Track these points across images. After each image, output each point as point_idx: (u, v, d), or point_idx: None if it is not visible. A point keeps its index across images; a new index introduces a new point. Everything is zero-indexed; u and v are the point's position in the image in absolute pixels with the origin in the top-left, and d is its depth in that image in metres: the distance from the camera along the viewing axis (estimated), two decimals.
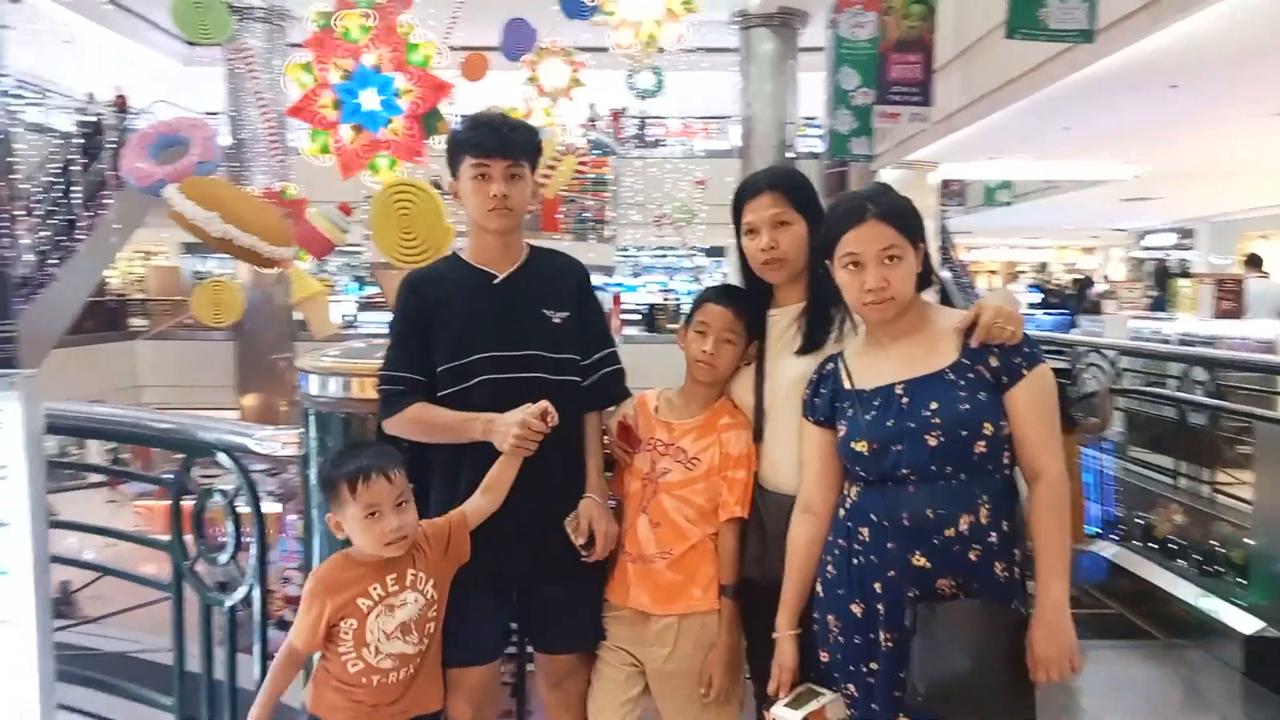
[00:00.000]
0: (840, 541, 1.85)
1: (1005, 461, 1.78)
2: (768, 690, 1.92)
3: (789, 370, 2.04)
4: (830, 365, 1.94)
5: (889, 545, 1.76)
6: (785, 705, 1.84)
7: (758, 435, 2.11)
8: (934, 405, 1.76)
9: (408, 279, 2.24)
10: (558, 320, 2.15)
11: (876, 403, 1.81)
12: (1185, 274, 14.60)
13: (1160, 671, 3.90)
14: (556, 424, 2.00)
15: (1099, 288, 18.90)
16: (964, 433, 1.73)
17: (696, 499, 2.10)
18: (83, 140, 14.61)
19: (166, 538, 2.57)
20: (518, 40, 12.15)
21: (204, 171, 8.39)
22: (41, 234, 13.51)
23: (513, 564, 2.10)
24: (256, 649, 2.39)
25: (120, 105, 15.36)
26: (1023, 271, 25.51)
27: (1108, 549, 5.01)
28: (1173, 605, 4.36)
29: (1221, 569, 4.34)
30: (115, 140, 14.04)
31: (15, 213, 11.84)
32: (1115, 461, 5.94)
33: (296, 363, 2.28)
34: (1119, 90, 7.24)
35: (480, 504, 2.03)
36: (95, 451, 14.46)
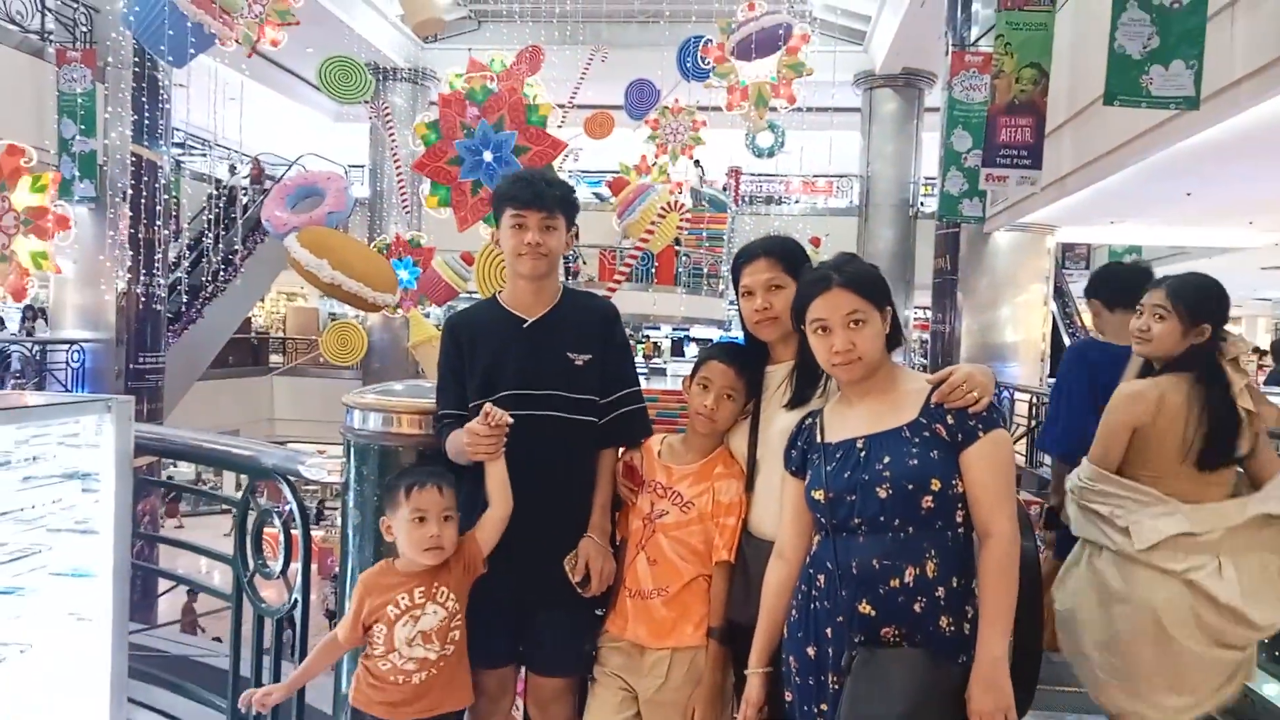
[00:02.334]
0: (802, 586, 1.95)
1: (959, 520, 1.84)
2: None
3: (778, 423, 2.16)
4: (809, 420, 2.06)
5: (841, 592, 1.85)
6: None
7: (750, 484, 2.22)
8: (886, 459, 1.86)
9: (448, 322, 2.47)
10: (580, 362, 2.32)
11: (838, 455, 1.93)
12: None
13: None
14: (508, 423, 2.13)
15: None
16: (910, 487, 1.82)
17: (691, 540, 2.22)
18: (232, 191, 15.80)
19: (230, 554, 2.84)
20: (641, 99, 12.62)
21: (334, 221, 9.02)
22: (195, 274, 14.65)
23: (516, 588, 2.26)
24: (298, 656, 2.61)
25: (256, 176, 16.54)
26: None
27: None
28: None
29: None
30: (264, 191, 15.13)
31: (172, 255, 12.95)
32: None
33: (341, 399, 2.51)
34: (1238, 157, 7.00)
35: (488, 515, 2.20)
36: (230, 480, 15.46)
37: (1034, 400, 9.07)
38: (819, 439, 1.99)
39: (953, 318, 11.19)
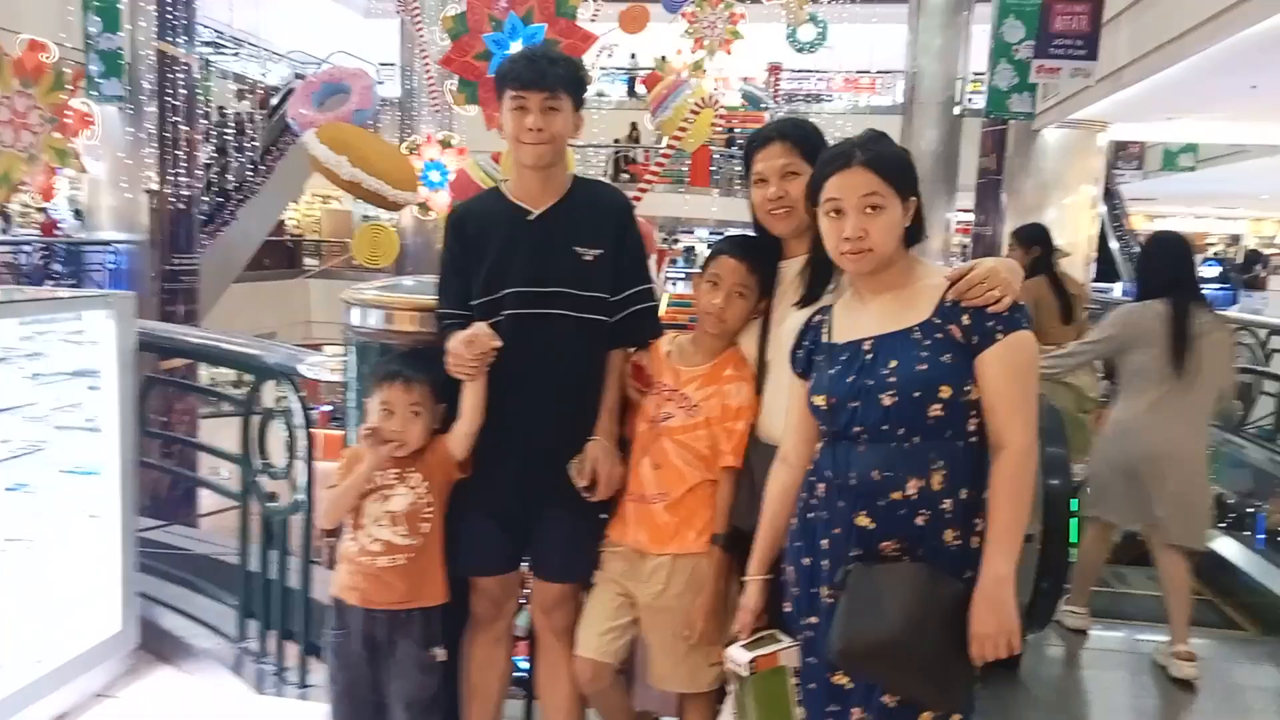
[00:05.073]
0: (803, 494, 1.84)
1: (971, 428, 1.69)
2: (732, 630, 1.93)
3: (789, 322, 2.02)
4: (818, 317, 1.90)
5: (839, 503, 1.73)
6: (741, 646, 1.86)
7: (759, 387, 2.10)
8: (893, 364, 1.70)
9: (451, 214, 2.33)
10: (589, 257, 2.17)
11: (843, 358, 1.77)
12: None
13: (1251, 668, 3.63)
14: (495, 347, 2.03)
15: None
16: (916, 394, 1.67)
17: (697, 445, 2.12)
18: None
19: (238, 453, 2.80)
20: None
21: (360, 119, 8.83)
22: (227, 176, 14.58)
23: (521, 492, 2.18)
24: (301, 552, 2.59)
25: (263, 101, 16.26)
26: (1212, 244, 23.51)
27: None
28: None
29: None
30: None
31: (202, 156, 12.85)
32: (1261, 450, 5.50)
33: (340, 295, 2.41)
34: None
35: (456, 428, 2.15)
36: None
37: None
38: (825, 338, 1.84)
39: (996, 220, 10.85)
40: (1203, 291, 3.54)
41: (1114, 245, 13.51)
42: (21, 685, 2.56)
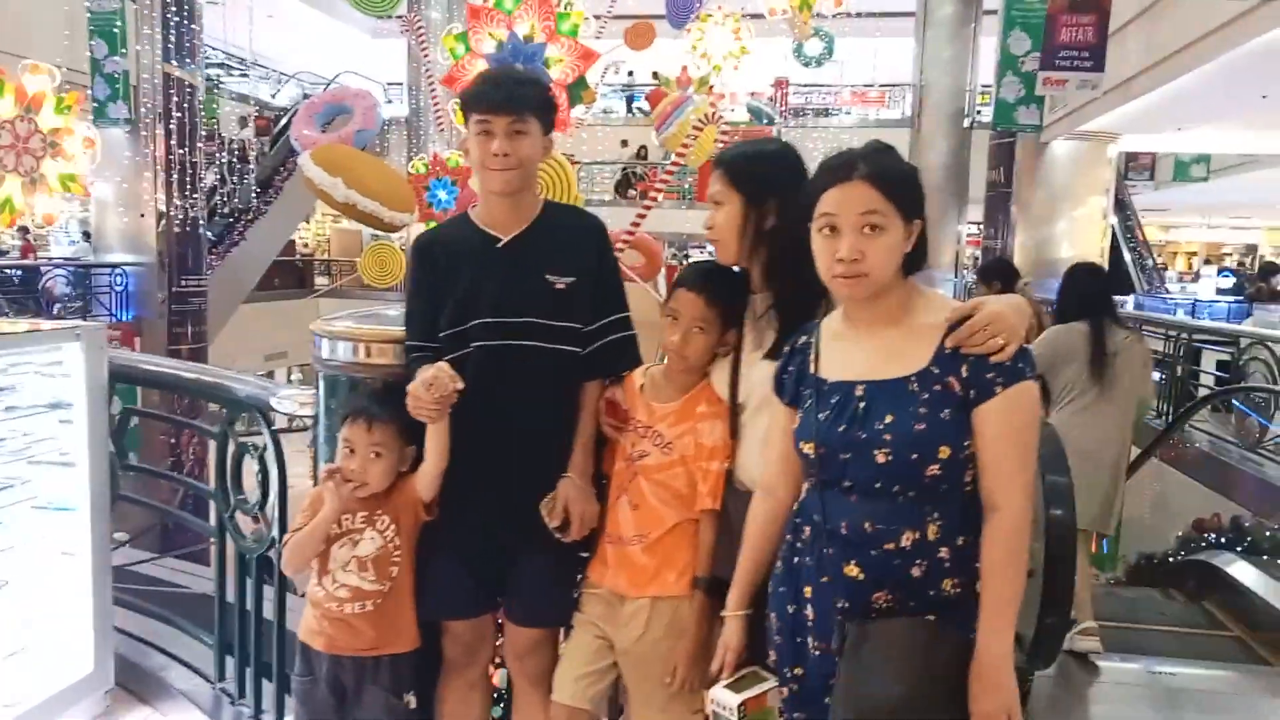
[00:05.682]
0: (788, 537, 1.72)
1: (968, 479, 1.56)
2: (710, 670, 1.82)
3: (759, 369, 1.91)
4: (803, 339, 1.76)
5: (826, 550, 1.60)
6: (725, 686, 1.74)
7: (733, 429, 1.99)
8: (889, 419, 1.55)
9: (416, 242, 2.24)
10: (561, 285, 2.07)
11: (834, 400, 1.62)
12: None
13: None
14: (458, 389, 1.92)
15: None
16: (914, 455, 1.53)
17: (674, 483, 2.01)
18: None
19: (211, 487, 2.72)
20: (682, 6, 12.09)
21: (363, 139, 8.81)
22: (234, 198, 14.61)
23: (493, 533, 2.08)
24: (275, 588, 2.51)
25: (264, 127, 16.32)
26: (1228, 254, 23.24)
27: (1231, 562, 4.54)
28: None
29: None
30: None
31: (212, 179, 12.88)
32: None
33: (310, 326, 2.34)
34: None
35: (423, 468, 2.05)
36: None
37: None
38: (812, 368, 1.69)
39: (1005, 233, 10.73)
40: (1117, 311, 4.18)
41: (1127, 257, 13.34)
42: None
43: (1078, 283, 4.10)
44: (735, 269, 2.02)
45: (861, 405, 1.58)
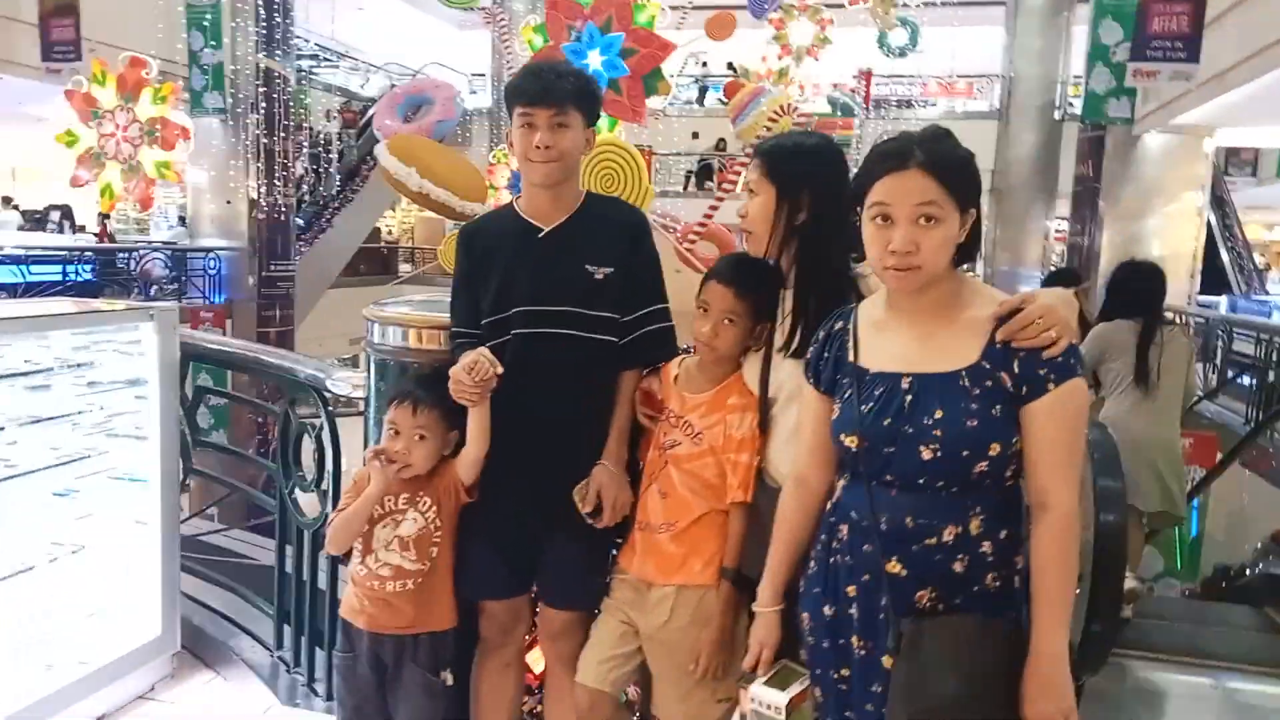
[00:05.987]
0: (823, 536, 1.69)
1: (1009, 473, 1.54)
2: (744, 665, 1.81)
3: (788, 365, 1.92)
4: (840, 324, 1.72)
5: (865, 547, 1.58)
6: (764, 683, 1.72)
7: (763, 424, 1.99)
8: (938, 414, 1.51)
9: (460, 231, 2.30)
10: (600, 276, 2.11)
11: (878, 392, 1.59)
12: None
13: None
14: (498, 373, 1.98)
15: None
16: (965, 452, 1.50)
17: (705, 473, 2.03)
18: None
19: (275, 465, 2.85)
20: None
21: (442, 130, 9.00)
22: (322, 186, 15.05)
23: (529, 517, 2.14)
24: (328, 560, 2.61)
25: (350, 122, 16.62)
26: None
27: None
28: None
29: None
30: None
31: (301, 167, 13.29)
32: None
33: (363, 311, 2.42)
34: None
35: (464, 453, 2.11)
36: None
37: (1181, 320, 8.33)
38: (851, 357, 1.64)
39: (1093, 229, 10.39)
40: (1162, 310, 4.30)
41: (1224, 257, 12.79)
42: (65, 684, 2.64)
43: (1128, 280, 4.27)
44: (769, 261, 2.03)
45: (909, 399, 1.55)
